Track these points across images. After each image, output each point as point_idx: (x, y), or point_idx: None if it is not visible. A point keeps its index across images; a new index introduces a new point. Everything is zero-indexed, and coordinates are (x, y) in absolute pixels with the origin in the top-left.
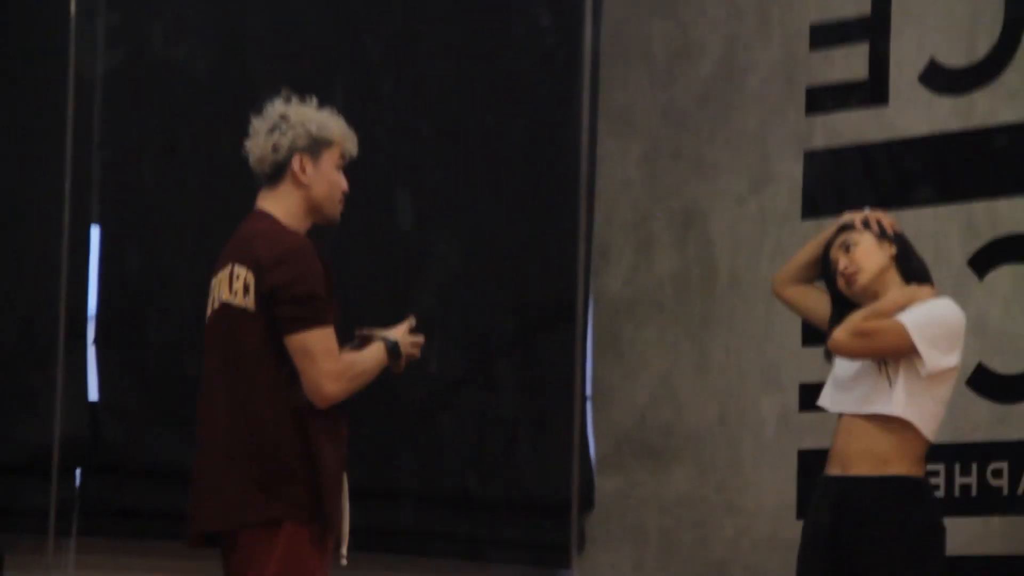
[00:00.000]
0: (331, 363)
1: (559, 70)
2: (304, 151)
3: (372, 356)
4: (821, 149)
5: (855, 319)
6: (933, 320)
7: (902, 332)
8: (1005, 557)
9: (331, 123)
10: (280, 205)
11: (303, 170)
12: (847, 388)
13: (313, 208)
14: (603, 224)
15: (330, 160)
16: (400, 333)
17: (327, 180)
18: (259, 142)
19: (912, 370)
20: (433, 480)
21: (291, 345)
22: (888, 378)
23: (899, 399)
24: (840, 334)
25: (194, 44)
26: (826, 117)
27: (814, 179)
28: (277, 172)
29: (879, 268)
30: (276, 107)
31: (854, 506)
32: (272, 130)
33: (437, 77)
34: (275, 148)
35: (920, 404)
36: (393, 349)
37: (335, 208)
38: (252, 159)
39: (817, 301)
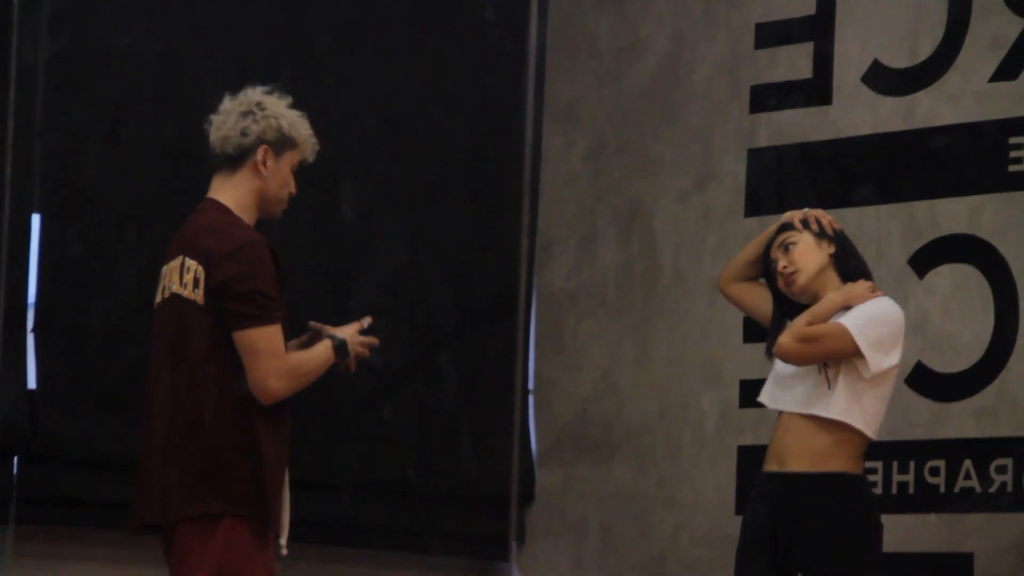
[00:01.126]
0: (276, 361)
1: (505, 64)
2: (271, 144)
3: (318, 355)
4: (765, 147)
5: (798, 324)
6: (875, 321)
7: (845, 335)
8: (941, 554)
9: (301, 126)
10: (233, 194)
11: (264, 162)
12: (787, 386)
13: (262, 202)
14: (547, 218)
15: (289, 161)
16: (350, 332)
17: (282, 178)
18: (228, 122)
19: (853, 371)
20: (373, 472)
21: (238, 341)
22: (828, 379)
23: (839, 402)
24: (786, 340)
25: (139, 32)
26: (770, 115)
27: (757, 177)
28: (239, 157)
29: (818, 268)
30: (254, 93)
31: (792, 502)
32: (245, 114)
33: (383, 69)
34: (244, 132)
35: (861, 404)
36: (340, 348)
37: (280, 207)
38: (216, 136)
39: (761, 298)
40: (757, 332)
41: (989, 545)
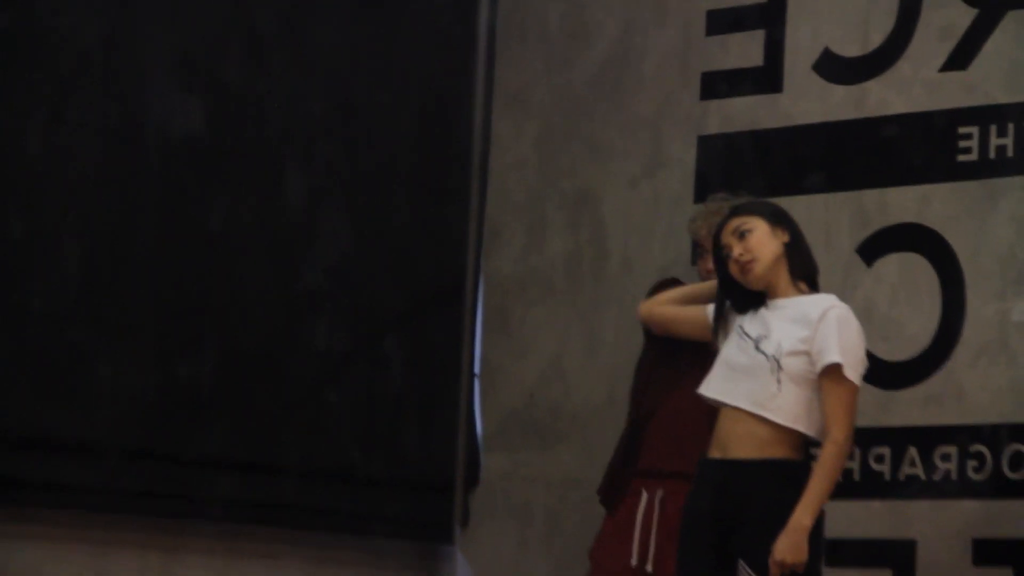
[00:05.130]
0: None
1: (454, 49)
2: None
3: None
4: (715, 134)
5: (838, 435)
6: (861, 356)
7: (856, 391)
8: (885, 540)
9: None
10: None
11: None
12: (735, 380)
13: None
14: (495, 204)
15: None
16: None
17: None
18: None
19: (805, 374)
20: (318, 455)
21: None
22: (779, 381)
23: (790, 409)
24: (845, 450)
25: (82, 13)
26: (720, 103)
27: (707, 164)
28: None
29: (774, 257)
30: None
31: (734, 488)
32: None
33: (330, 53)
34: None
35: (809, 408)
36: None
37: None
38: None
39: (694, 314)
40: None
41: (932, 531)
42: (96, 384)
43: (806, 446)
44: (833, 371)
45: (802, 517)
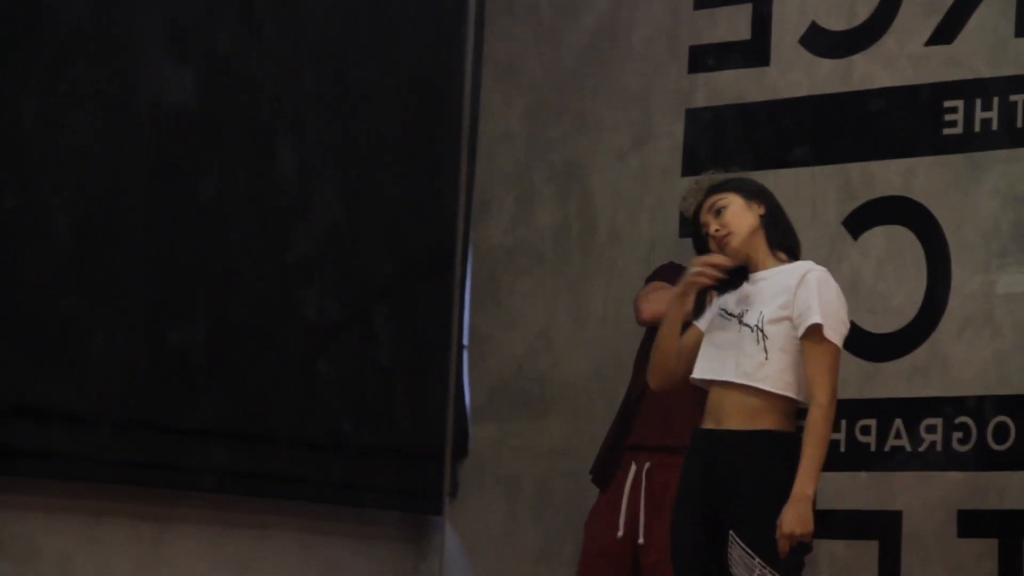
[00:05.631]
0: None
1: (445, 22)
2: None
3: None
4: (702, 107)
5: (822, 398)
6: (841, 317)
7: (837, 352)
8: (871, 511)
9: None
10: None
11: None
12: (721, 357)
13: None
14: (485, 176)
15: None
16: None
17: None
18: None
19: (789, 339)
20: (308, 425)
21: None
22: (765, 350)
23: (777, 375)
24: (830, 412)
25: None
26: (708, 76)
27: (695, 136)
28: None
29: (749, 229)
30: None
31: (724, 459)
32: None
33: (322, 24)
34: None
35: (796, 374)
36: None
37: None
38: None
39: (694, 341)
40: None
41: (917, 503)
42: (88, 354)
43: (796, 415)
44: (814, 332)
45: (804, 487)
